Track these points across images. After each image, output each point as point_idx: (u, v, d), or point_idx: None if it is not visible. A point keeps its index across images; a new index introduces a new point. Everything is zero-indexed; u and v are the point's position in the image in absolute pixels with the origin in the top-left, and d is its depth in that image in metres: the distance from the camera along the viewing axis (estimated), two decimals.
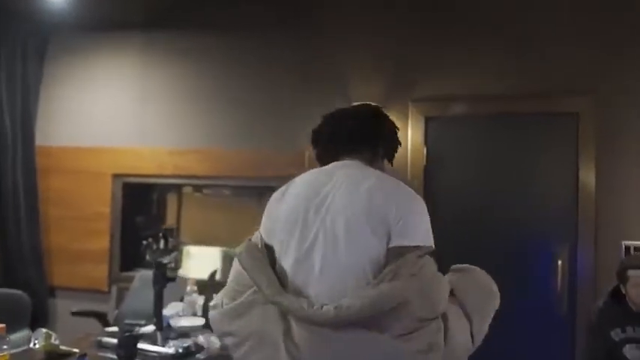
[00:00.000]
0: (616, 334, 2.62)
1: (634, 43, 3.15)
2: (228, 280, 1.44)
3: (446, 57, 3.45)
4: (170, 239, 2.34)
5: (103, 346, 2.29)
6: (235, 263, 1.42)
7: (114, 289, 3.96)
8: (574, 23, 3.25)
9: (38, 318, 3.89)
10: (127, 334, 2.07)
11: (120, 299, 3.85)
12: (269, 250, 1.39)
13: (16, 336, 2.84)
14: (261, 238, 1.43)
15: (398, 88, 3.51)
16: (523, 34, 3.33)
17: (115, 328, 2.60)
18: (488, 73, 3.37)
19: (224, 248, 3.85)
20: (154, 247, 2.38)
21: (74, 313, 3.32)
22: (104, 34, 4.12)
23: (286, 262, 1.34)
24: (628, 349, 2.59)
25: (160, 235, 2.36)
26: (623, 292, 2.61)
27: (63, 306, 3.97)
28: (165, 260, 2.31)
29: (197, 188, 4.20)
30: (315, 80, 3.68)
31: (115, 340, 2.18)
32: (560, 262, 3.16)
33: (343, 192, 1.35)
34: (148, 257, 2.33)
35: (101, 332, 2.61)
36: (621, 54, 3.17)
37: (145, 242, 2.38)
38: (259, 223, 1.48)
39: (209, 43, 3.94)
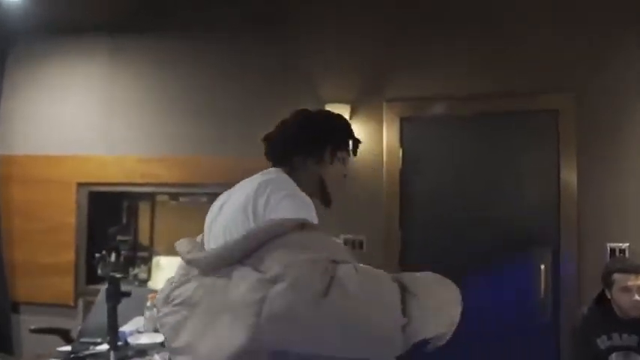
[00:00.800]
0: (602, 342, 2.48)
1: (614, 38, 3.04)
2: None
3: (421, 55, 3.32)
4: (123, 252, 2.18)
5: None
6: None
7: (80, 303, 3.77)
8: (552, 19, 3.14)
9: (1, 335, 3.71)
10: (72, 355, 1.90)
11: (87, 314, 3.67)
12: None
13: None
14: None
15: (371, 88, 3.37)
16: (500, 31, 3.21)
17: (68, 348, 2.42)
18: (464, 71, 3.25)
19: None
20: (107, 260, 2.21)
21: (33, 331, 3.13)
22: (69, 38, 3.95)
23: None
24: (615, 357, 2.46)
25: (112, 247, 2.20)
26: (609, 297, 2.48)
27: (27, 322, 3.77)
28: (118, 274, 2.14)
29: (172, 196, 4.04)
30: (287, 83, 3.53)
31: None
32: (542, 267, 3.03)
33: (232, 200, 1.38)
34: (100, 272, 2.16)
35: (53, 352, 2.43)
36: (601, 50, 3.05)
37: (97, 255, 2.22)
38: None
39: (179, 47, 3.79)
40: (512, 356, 3.05)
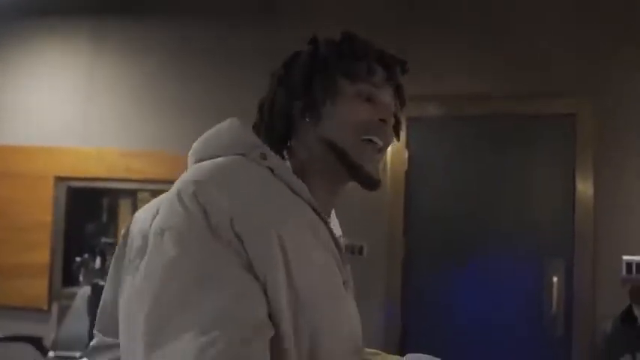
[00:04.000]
0: None
1: (635, 38, 2.88)
2: None
3: (430, 52, 3.12)
4: (109, 256, 1.93)
5: None
6: None
7: (55, 307, 3.48)
8: (569, 18, 2.99)
9: None
10: None
11: (62, 318, 3.39)
12: None
13: None
14: None
15: None
16: (514, 29, 3.04)
17: None
18: (477, 70, 3.07)
19: None
20: (90, 265, 1.96)
21: (2, 340, 2.86)
22: (47, 20, 3.68)
23: None
24: None
25: (97, 250, 1.95)
26: (636, 314, 2.32)
27: None
28: (102, 282, 1.89)
29: (155, 194, 3.77)
30: None
31: None
32: (555, 279, 2.86)
33: None
34: (81, 279, 1.92)
35: None
36: (622, 50, 2.90)
37: (78, 260, 1.97)
38: None
39: (167, 34, 3.56)
40: None
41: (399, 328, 3.00)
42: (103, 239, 2.51)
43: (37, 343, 2.86)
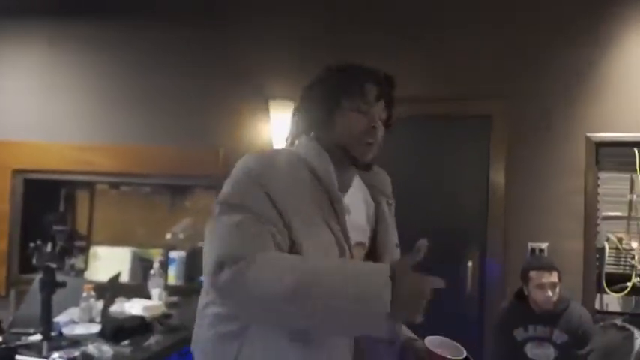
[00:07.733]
0: (519, 333, 2.68)
1: (544, 46, 3.21)
2: None
3: (356, 56, 3.38)
4: (59, 242, 2.17)
5: None
6: None
7: (13, 293, 3.68)
8: (486, 24, 3.29)
9: None
10: (2, 345, 1.89)
11: (19, 304, 3.59)
12: None
13: None
14: None
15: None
16: (435, 35, 3.34)
17: None
18: (400, 73, 3.32)
19: (135, 248, 3.66)
20: (42, 250, 2.20)
21: None
22: (8, 19, 3.85)
23: None
24: (529, 348, 2.66)
25: (49, 236, 2.19)
26: (526, 292, 2.67)
27: None
28: (53, 264, 2.14)
29: (113, 185, 4.00)
30: (232, 76, 3.57)
31: None
32: (470, 264, 3.20)
33: None
34: (35, 262, 2.15)
35: None
36: (531, 57, 3.22)
37: (31, 245, 2.20)
38: (174, 222, 1.50)
39: (123, 33, 3.77)
40: None
41: None
42: (55, 227, 2.73)
43: None
